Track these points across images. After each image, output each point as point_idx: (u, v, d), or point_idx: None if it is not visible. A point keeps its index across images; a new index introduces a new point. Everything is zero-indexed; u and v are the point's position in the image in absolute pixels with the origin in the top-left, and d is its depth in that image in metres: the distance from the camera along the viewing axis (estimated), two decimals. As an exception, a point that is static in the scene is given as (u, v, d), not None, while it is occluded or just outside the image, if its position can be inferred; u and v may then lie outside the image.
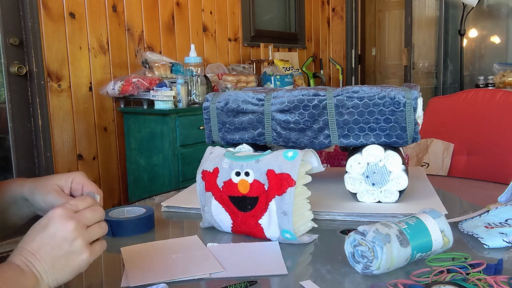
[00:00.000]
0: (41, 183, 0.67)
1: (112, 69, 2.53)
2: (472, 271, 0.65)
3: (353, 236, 0.69)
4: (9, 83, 2.16)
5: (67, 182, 0.68)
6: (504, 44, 4.28)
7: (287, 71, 3.37)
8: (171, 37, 2.84)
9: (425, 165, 1.82)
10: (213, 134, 1.13)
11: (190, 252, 0.79)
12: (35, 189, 0.67)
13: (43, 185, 0.67)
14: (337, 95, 1.00)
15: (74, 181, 0.68)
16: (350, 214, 0.94)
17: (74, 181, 0.68)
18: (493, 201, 0.93)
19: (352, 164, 1.00)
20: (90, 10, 2.42)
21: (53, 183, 0.67)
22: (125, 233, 0.89)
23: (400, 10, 4.88)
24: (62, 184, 0.67)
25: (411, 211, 0.90)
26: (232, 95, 1.09)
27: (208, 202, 0.88)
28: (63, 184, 0.68)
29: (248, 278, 0.68)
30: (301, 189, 0.83)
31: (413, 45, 4.21)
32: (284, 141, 1.07)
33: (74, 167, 2.38)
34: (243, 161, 0.84)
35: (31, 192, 0.67)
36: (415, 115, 0.97)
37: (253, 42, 3.44)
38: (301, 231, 0.84)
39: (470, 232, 0.82)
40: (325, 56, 4.31)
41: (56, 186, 0.67)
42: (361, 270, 0.68)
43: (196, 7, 3.00)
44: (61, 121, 2.33)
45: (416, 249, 0.68)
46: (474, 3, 3.52)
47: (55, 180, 0.67)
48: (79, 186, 0.68)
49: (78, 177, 0.68)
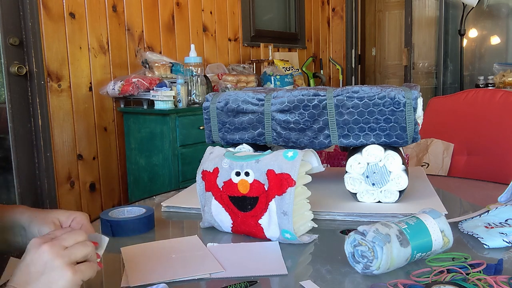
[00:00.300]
0: (41, 214, 0.66)
1: (112, 69, 2.53)
2: (472, 271, 0.65)
3: (353, 236, 0.69)
4: (9, 83, 2.16)
5: (68, 219, 0.66)
6: (504, 44, 4.28)
7: (287, 71, 3.37)
8: (171, 37, 2.84)
9: (425, 165, 1.82)
10: (213, 134, 1.13)
11: (190, 252, 0.79)
12: (35, 218, 0.66)
13: (43, 216, 0.66)
14: (337, 95, 1.00)
15: (75, 220, 0.66)
16: (350, 214, 0.94)
17: (75, 220, 0.66)
18: (493, 201, 0.93)
19: (352, 164, 1.00)
20: (90, 10, 2.42)
21: (53, 216, 0.66)
22: (125, 233, 0.89)
23: (400, 10, 4.88)
24: (63, 219, 0.66)
25: (411, 211, 0.90)
26: (232, 95, 1.09)
27: (208, 202, 0.88)
28: (63, 219, 0.66)
29: (248, 278, 0.68)
30: (301, 189, 0.83)
31: (413, 45, 4.21)
32: (284, 141, 1.07)
33: (74, 167, 2.38)
34: (243, 161, 0.84)
35: (29, 221, 0.66)
36: (415, 115, 0.97)
37: (253, 42, 3.44)
38: (301, 231, 0.84)
39: (470, 232, 0.82)
40: (325, 56, 4.31)
41: (56, 220, 0.66)
42: (361, 270, 0.68)
43: (196, 7, 3.00)
44: (61, 121, 2.33)
45: (416, 249, 0.68)
46: (474, 3, 3.52)
47: (56, 214, 0.66)
48: (78, 225, 0.66)
49: (80, 217, 0.67)
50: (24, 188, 2.25)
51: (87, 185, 2.45)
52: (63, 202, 2.34)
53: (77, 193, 2.41)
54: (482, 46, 4.44)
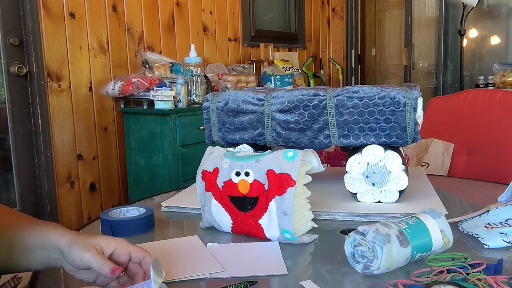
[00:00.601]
0: (82, 239, 0.65)
1: (112, 69, 2.53)
2: (472, 271, 0.65)
3: (353, 236, 0.69)
4: (9, 83, 2.16)
5: (109, 245, 0.66)
6: (504, 44, 4.28)
7: (287, 71, 3.37)
8: (171, 37, 2.84)
9: (425, 165, 1.82)
10: (213, 134, 1.13)
11: (190, 252, 0.79)
12: (75, 243, 0.65)
13: (84, 242, 0.65)
14: (337, 95, 1.00)
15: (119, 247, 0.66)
16: (350, 214, 0.94)
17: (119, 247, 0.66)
18: (493, 201, 0.93)
19: (352, 164, 1.00)
20: (90, 10, 2.42)
21: (95, 242, 0.65)
22: (125, 233, 0.89)
23: (400, 10, 4.88)
24: (104, 245, 0.65)
25: (411, 211, 0.90)
26: (232, 95, 1.09)
27: (208, 202, 0.88)
28: (105, 245, 0.65)
29: (248, 278, 0.68)
30: (301, 189, 0.83)
31: (413, 45, 4.21)
32: (284, 141, 1.07)
33: (74, 167, 2.38)
34: (243, 161, 0.84)
35: (69, 245, 0.65)
36: (415, 115, 0.97)
37: (253, 42, 3.44)
38: (301, 231, 0.84)
39: (470, 232, 0.82)
40: (325, 56, 4.31)
41: (98, 246, 0.65)
42: (361, 270, 0.68)
43: (196, 7, 3.00)
44: (61, 121, 2.33)
45: (416, 249, 0.68)
46: (474, 3, 3.52)
47: (97, 240, 0.66)
48: (124, 251, 0.66)
49: (124, 244, 0.66)
50: (24, 188, 2.25)
51: (87, 185, 2.45)
52: (63, 202, 2.34)
53: (77, 193, 2.41)
54: (482, 46, 4.44)
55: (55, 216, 2.30)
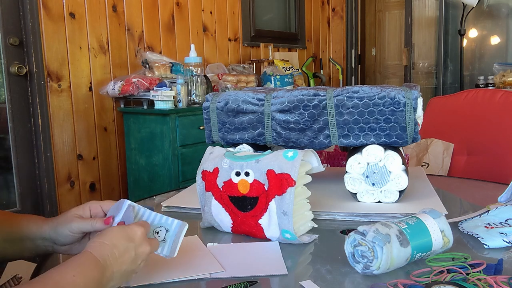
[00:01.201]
0: (61, 218, 0.72)
1: (112, 69, 2.53)
2: (472, 271, 0.65)
3: (353, 236, 0.69)
4: (9, 83, 2.16)
5: (84, 209, 0.72)
6: (504, 44, 4.28)
7: (287, 71, 3.37)
8: (171, 37, 2.84)
9: (425, 165, 1.82)
10: (213, 134, 1.13)
11: (190, 252, 0.79)
12: (58, 224, 0.71)
13: (63, 219, 0.71)
14: (337, 95, 1.00)
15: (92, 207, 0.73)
16: (350, 214, 0.94)
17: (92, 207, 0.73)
18: (493, 201, 0.93)
19: (352, 164, 1.00)
20: (90, 10, 2.42)
21: (72, 214, 0.71)
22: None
23: (400, 10, 4.88)
24: (80, 212, 0.72)
25: (411, 211, 0.90)
26: (232, 95, 1.09)
27: (208, 202, 0.88)
28: (81, 212, 0.72)
29: (248, 278, 0.68)
30: (301, 189, 0.83)
31: (413, 45, 4.21)
32: (284, 141, 1.07)
33: (74, 167, 2.38)
34: (243, 161, 0.84)
35: (54, 229, 0.71)
36: (415, 115, 0.97)
37: (253, 42, 3.44)
38: (301, 231, 0.84)
39: (470, 232, 0.82)
40: (325, 56, 4.31)
41: (77, 214, 0.71)
42: (361, 270, 0.68)
43: (196, 7, 3.00)
44: (61, 121, 2.33)
45: (416, 249, 0.68)
46: (474, 3, 3.52)
47: (72, 211, 0.72)
48: (98, 209, 0.73)
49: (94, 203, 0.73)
50: (24, 188, 2.25)
51: (87, 185, 2.45)
52: (63, 202, 2.34)
53: (77, 193, 2.41)
54: (482, 46, 4.43)
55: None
